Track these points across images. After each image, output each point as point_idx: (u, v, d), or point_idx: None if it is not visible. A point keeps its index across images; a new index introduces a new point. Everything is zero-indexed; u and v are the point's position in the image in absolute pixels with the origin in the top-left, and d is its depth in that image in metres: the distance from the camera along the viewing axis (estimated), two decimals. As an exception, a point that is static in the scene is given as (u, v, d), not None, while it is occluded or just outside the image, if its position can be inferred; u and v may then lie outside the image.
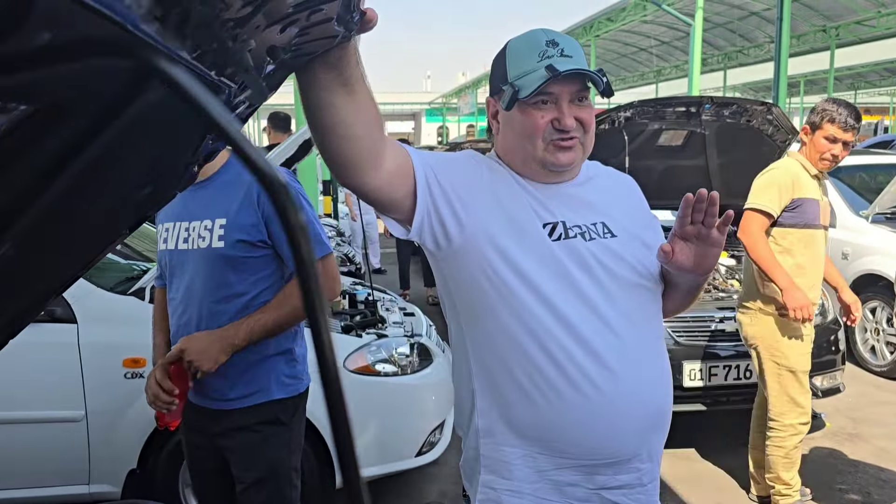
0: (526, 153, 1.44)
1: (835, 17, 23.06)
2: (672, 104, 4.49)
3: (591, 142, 1.48)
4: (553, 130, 1.41)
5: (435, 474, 3.81)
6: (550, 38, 1.41)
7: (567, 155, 1.43)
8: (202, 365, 2.01)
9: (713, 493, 3.73)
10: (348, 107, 1.16)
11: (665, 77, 36.45)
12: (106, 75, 0.69)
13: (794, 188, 3.22)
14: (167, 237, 2.18)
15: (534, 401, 1.39)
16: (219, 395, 2.14)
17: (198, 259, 2.09)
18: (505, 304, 1.38)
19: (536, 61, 1.38)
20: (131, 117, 0.78)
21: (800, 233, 3.24)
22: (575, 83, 1.40)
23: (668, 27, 25.11)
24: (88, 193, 0.96)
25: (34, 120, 0.69)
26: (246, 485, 2.15)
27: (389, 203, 1.34)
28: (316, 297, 0.39)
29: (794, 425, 3.33)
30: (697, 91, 15.52)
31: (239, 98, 0.99)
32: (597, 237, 1.45)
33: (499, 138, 1.51)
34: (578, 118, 1.41)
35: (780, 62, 13.53)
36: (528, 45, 1.41)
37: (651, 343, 1.49)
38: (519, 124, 1.43)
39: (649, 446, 1.47)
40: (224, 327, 2.05)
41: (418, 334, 3.59)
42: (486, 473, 1.46)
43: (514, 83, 1.39)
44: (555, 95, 1.40)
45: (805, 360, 3.30)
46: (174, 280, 2.18)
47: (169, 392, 2.05)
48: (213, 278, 2.07)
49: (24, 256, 0.95)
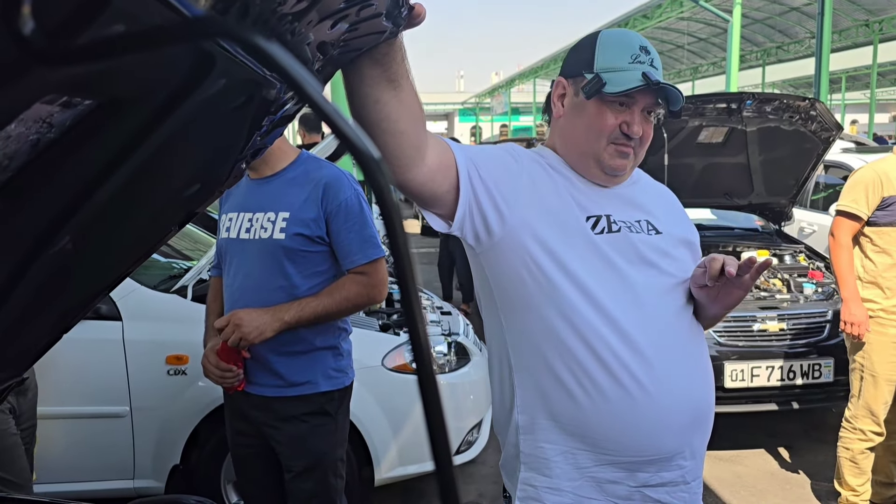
0: (587, 147, 1.44)
1: (878, 11, 22.49)
2: (712, 101, 4.42)
3: (643, 154, 1.49)
4: (619, 133, 1.41)
5: (473, 474, 3.80)
6: (644, 44, 1.42)
7: (623, 161, 1.43)
8: (248, 333, 2.06)
9: (754, 497, 3.66)
10: (393, 102, 1.17)
11: (702, 74, 35.94)
12: (163, 70, 0.70)
13: (885, 186, 3.13)
14: (230, 226, 2.27)
15: (575, 396, 1.38)
16: (268, 382, 2.21)
17: (258, 249, 2.17)
18: (546, 298, 1.37)
19: (629, 62, 1.38)
20: (186, 113, 0.80)
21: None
22: (654, 96, 1.40)
23: (706, 23, 24.74)
24: (143, 189, 0.97)
25: (96, 115, 0.70)
26: (294, 473, 2.22)
27: (432, 198, 1.34)
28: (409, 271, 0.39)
29: (864, 431, 3.25)
30: (735, 88, 15.27)
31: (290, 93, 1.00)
32: (641, 232, 1.45)
33: (560, 122, 1.50)
34: (643, 129, 1.43)
35: (822, 58, 13.25)
36: (622, 43, 1.41)
37: (693, 340, 1.47)
38: (590, 117, 1.42)
39: (692, 444, 1.45)
40: (276, 306, 2.12)
41: (455, 333, 3.59)
42: (525, 471, 1.45)
43: (601, 74, 1.38)
44: (633, 101, 1.40)
45: (890, 368, 3.19)
46: (232, 268, 2.25)
47: (227, 371, 2.15)
48: (270, 268, 2.15)
49: (81, 251, 0.97)
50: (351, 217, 2.16)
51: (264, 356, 2.19)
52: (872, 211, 3.16)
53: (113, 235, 1.08)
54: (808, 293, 4.30)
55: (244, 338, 2.07)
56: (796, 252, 4.87)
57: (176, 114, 0.78)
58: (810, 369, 3.96)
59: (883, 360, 3.18)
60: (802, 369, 3.95)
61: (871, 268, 3.21)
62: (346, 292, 2.16)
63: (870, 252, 3.22)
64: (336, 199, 2.15)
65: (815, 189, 6.95)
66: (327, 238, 2.17)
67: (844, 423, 3.34)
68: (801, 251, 4.90)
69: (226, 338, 2.10)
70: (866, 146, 8.62)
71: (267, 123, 1.07)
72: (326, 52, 0.94)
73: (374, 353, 3.16)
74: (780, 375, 3.94)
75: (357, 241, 2.16)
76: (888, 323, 3.16)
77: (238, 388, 2.21)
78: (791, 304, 4.18)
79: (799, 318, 4.09)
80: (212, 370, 2.18)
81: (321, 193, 2.14)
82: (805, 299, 4.24)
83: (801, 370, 3.95)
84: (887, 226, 3.15)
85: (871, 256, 3.21)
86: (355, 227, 2.16)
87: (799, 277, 4.49)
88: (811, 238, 6.16)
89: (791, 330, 4.05)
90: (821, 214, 6.48)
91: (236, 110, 0.94)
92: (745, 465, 4.02)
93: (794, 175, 4.84)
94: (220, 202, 2.39)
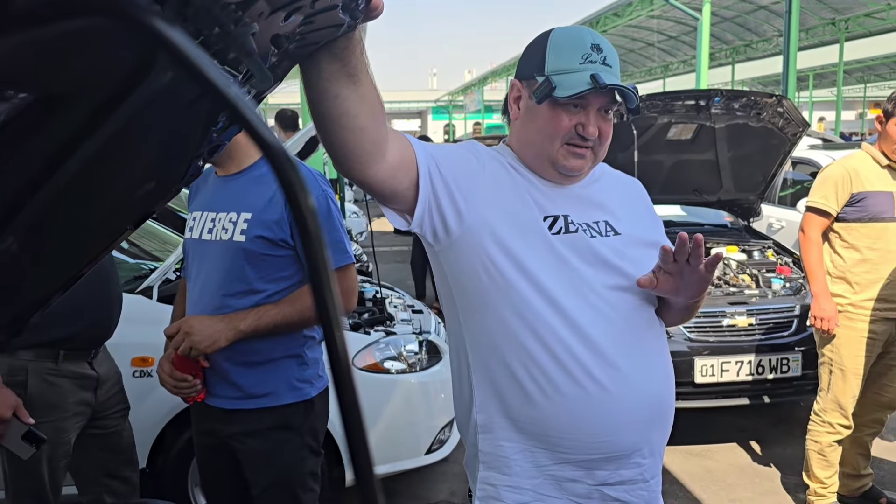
0: (542, 149, 1.43)
1: (844, 9, 22.89)
2: (681, 97, 4.46)
3: (602, 153, 1.47)
4: (574, 135, 1.40)
5: (445, 472, 3.79)
6: (596, 42, 1.39)
7: (578, 161, 1.42)
8: (199, 342, 1.96)
9: (724, 490, 3.70)
10: (353, 97, 1.15)
11: (673, 72, 36.28)
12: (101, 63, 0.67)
13: (854, 182, 3.16)
14: (193, 226, 2.18)
15: (532, 395, 1.38)
16: (227, 394, 2.10)
17: (219, 250, 2.07)
18: (503, 297, 1.37)
19: (579, 62, 1.36)
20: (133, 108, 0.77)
21: (866, 227, 3.17)
22: (609, 96, 1.39)
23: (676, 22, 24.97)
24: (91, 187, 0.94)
25: (34, 109, 0.67)
26: (260, 489, 2.12)
27: (392, 194, 1.33)
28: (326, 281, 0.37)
29: (833, 424, 3.29)
30: (705, 86, 15.43)
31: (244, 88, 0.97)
32: (598, 235, 1.44)
33: (516, 125, 1.49)
34: (599, 129, 1.41)
35: (789, 56, 13.43)
36: (572, 42, 1.40)
37: (652, 338, 1.47)
38: (543, 120, 1.41)
39: (651, 441, 1.45)
40: (231, 313, 2.02)
41: (427, 331, 3.57)
42: (484, 469, 1.45)
43: (551, 77, 1.37)
44: (587, 101, 1.39)
45: (858, 363, 3.23)
46: (193, 269, 2.17)
47: (182, 381, 2.04)
48: (230, 271, 2.05)
49: (27, 251, 0.94)
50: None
51: (222, 366, 2.08)
52: (841, 207, 3.20)
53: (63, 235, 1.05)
54: (776, 288, 4.35)
55: (194, 346, 1.97)
56: (765, 248, 4.93)
57: (121, 109, 0.75)
58: (779, 363, 4.01)
59: (851, 354, 3.22)
60: (771, 364, 3.99)
61: (841, 263, 3.25)
62: (310, 301, 2.02)
63: (839, 248, 3.26)
64: None
65: (783, 185, 7.04)
66: (292, 241, 2.04)
67: (813, 416, 3.38)
68: (769, 247, 4.96)
69: (176, 346, 2.00)
70: (833, 143, 8.74)
71: (223, 119, 1.04)
72: (281, 45, 0.92)
73: (344, 352, 3.13)
74: (750, 370, 3.98)
75: None
76: (857, 317, 3.21)
77: (199, 399, 2.11)
78: (760, 299, 4.22)
79: (767, 313, 4.14)
80: (166, 380, 2.07)
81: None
82: (773, 294, 4.29)
83: (769, 364, 3.99)
84: (856, 222, 3.19)
85: (840, 252, 3.25)
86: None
87: (767, 273, 4.54)
88: (780, 234, 6.23)
89: (760, 325, 4.09)
90: (789, 210, 6.56)
91: (189, 106, 0.91)
92: (715, 460, 4.05)
93: (762, 171, 4.89)
94: (189, 200, 2.33)
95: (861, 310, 3.20)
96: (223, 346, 1.98)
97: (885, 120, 3.12)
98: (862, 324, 3.20)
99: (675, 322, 1.59)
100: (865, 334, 3.20)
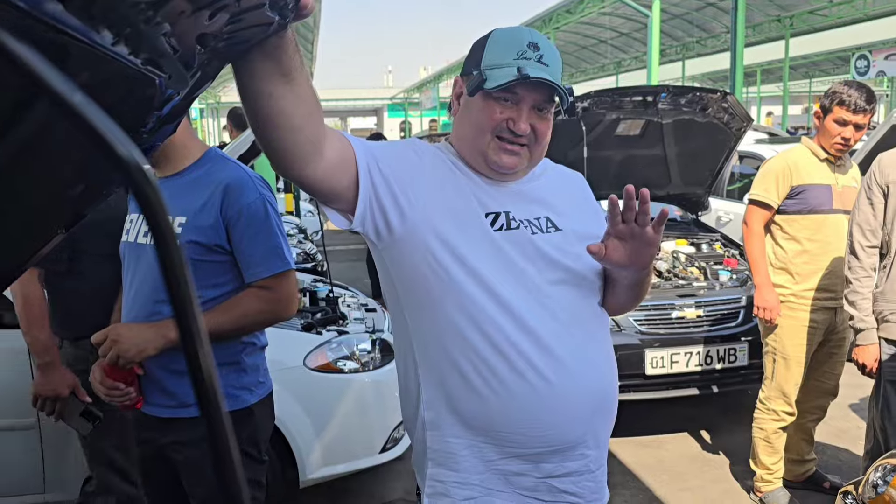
0: (474, 143, 1.43)
1: (789, 6, 23.48)
2: (629, 94, 4.52)
3: (541, 153, 1.48)
4: (505, 129, 1.40)
5: (400, 471, 3.78)
6: (535, 41, 1.40)
7: (511, 159, 1.42)
8: (126, 350, 1.90)
9: (674, 480, 3.77)
10: (288, 96, 1.14)
11: (625, 68, 36.78)
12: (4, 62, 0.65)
13: (794, 175, 3.24)
14: (130, 228, 2.10)
15: (478, 390, 1.39)
16: (161, 402, 2.04)
17: (152, 255, 1.99)
18: (447, 294, 1.37)
19: (513, 58, 1.37)
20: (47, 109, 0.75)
21: (805, 219, 3.26)
22: (542, 93, 1.39)
23: (627, 18, 25.33)
24: (14, 190, 0.91)
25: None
26: (198, 500, 2.07)
27: (331, 194, 1.32)
28: (185, 294, 0.36)
29: (777, 411, 3.38)
30: (656, 82, 15.67)
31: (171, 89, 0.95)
32: (539, 231, 1.45)
33: (455, 120, 1.51)
34: (534, 127, 1.41)
35: (737, 52, 13.73)
36: (509, 40, 1.41)
37: (595, 330, 1.49)
38: (476, 113, 1.42)
39: (596, 432, 1.47)
40: (162, 321, 1.95)
41: (380, 330, 3.56)
42: (433, 466, 1.45)
43: (483, 71, 1.38)
44: (518, 97, 1.39)
45: (800, 351, 3.32)
46: (128, 274, 2.09)
47: (113, 388, 1.97)
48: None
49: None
50: (254, 224, 1.96)
51: (156, 374, 2.01)
52: (782, 200, 3.28)
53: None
54: (723, 280, 4.45)
55: (121, 355, 1.90)
56: (712, 241, 5.03)
57: (35, 109, 0.73)
58: (726, 354, 4.10)
59: (794, 342, 3.31)
60: (719, 354, 4.08)
61: (782, 254, 3.33)
62: (245, 308, 1.96)
63: (780, 239, 3.34)
64: (237, 204, 1.95)
65: (730, 179, 7.19)
66: (228, 247, 1.97)
67: (758, 404, 3.47)
68: (717, 240, 5.06)
69: (103, 353, 1.93)
70: (778, 136, 8.97)
71: (153, 120, 1.02)
72: (207, 44, 0.90)
73: (295, 353, 3.10)
74: (699, 361, 4.06)
75: (260, 251, 1.97)
76: (798, 307, 3.30)
77: (136, 407, 2.04)
78: (707, 291, 4.31)
79: (715, 304, 4.23)
80: (97, 387, 1.99)
81: (221, 197, 1.94)
82: (721, 286, 4.38)
83: (717, 355, 4.08)
84: (796, 214, 3.28)
85: (782, 243, 3.34)
86: (259, 236, 1.97)
87: (715, 265, 4.64)
88: (728, 227, 6.37)
89: (708, 316, 4.18)
90: (736, 204, 6.70)
91: (113, 107, 0.89)
92: (666, 450, 4.13)
93: (708, 166, 4.99)
94: (129, 202, 2.27)
95: (802, 300, 3.29)
96: (151, 355, 1.92)
97: (823, 115, 3.21)
98: (803, 313, 3.29)
99: (623, 305, 1.58)
100: (807, 323, 3.29)
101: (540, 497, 1.45)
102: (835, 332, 3.37)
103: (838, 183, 3.26)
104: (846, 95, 3.11)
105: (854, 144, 3.23)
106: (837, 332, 3.36)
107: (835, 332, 3.36)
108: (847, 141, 3.16)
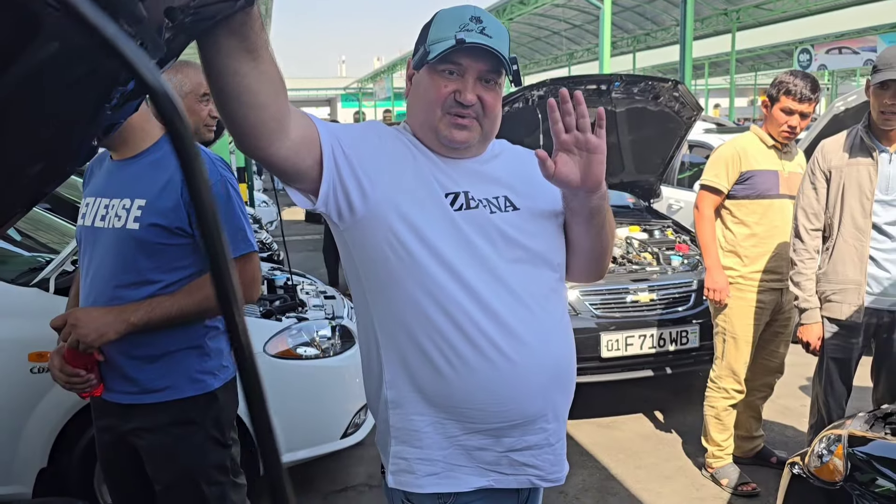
0: (425, 119, 1.46)
1: (735, 0, 23.97)
2: (583, 82, 4.58)
3: (492, 126, 1.49)
4: (454, 103, 1.42)
5: (362, 456, 3.81)
6: (477, 14, 1.43)
7: (462, 133, 1.44)
8: (86, 335, 1.88)
9: (630, 458, 3.87)
10: (253, 73, 1.14)
11: (577, 60, 37.12)
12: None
13: (743, 161, 3.35)
14: (86, 212, 2.06)
15: (439, 368, 1.41)
16: (122, 389, 2.01)
17: (111, 239, 1.97)
18: (409, 273, 1.40)
19: (455, 32, 1.39)
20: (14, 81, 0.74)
21: (753, 204, 3.37)
22: (485, 62, 1.41)
23: (580, 10, 25.52)
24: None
25: None
26: (161, 486, 2.05)
27: (296, 173, 1.33)
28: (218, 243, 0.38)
29: (727, 389, 3.51)
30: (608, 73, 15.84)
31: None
32: (498, 210, 1.48)
33: (408, 101, 1.53)
34: (481, 98, 1.43)
35: (685, 44, 14.00)
36: (452, 16, 1.43)
37: (552, 308, 1.52)
38: (424, 88, 1.45)
39: (554, 406, 1.51)
40: (122, 305, 1.93)
41: (339, 316, 3.56)
42: (396, 444, 1.48)
43: (428, 46, 1.41)
44: (462, 68, 1.41)
45: (748, 331, 3.43)
46: (85, 258, 2.06)
47: (74, 375, 1.95)
48: (122, 261, 1.95)
49: None
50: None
51: (116, 360, 1.99)
52: (732, 185, 3.39)
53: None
54: (675, 265, 4.56)
55: (81, 340, 1.88)
56: (665, 227, 5.15)
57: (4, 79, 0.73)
58: (679, 336, 4.21)
59: (743, 322, 3.43)
60: (672, 336, 4.19)
61: (731, 238, 3.44)
62: (208, 291, 1.92)
63: (729, 223, 3.45)
64: None
65: (681, 168, 7.36)
66: (190, 229, 1.95)
67: (709, 383, 3.58)
68: (669, 226, 5.18)
69: (64, 338, 1.91)
70: (726, 126, 9.19)
71: (117, 96, 1.02)
72: (175, 17, 0.91)
73: (255, 339, 3.08)
74: (652, 343, 4.17)
75: None
76: (746, 288, 3.41)
77: (95, 394, 2.02)
78: (660, 275, 4.42)
79: (667, 288, 4.33)
80: (57, 374, 1.96)
81: (182, 179, 1.94)
82: (673, 271, 4.49)
83: (670, 337, 4.19)
84: (744, 199, 3.39)
85: (731, 227, 3.45)
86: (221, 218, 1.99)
87: (667, 251, 4.75)
88: (678, 214, 6.52)
89: (661, 300, 4.28)
90: (687, 192, 6.86)
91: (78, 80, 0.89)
92: (621, 430, 4.23)
93: (660, 154, 5.10)
94: (83, 185, 2.23)
95: (750, 281, 3.40)
96: (112, 339, 1.90)
97: (771, 104, 3.32)
98: (751, 294, 3.40)
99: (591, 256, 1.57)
100: (754, 304, 3.41)
101: (501, 471, 1.48)
102: (781, 313, 3.49)
103: (785, 169, 3.38)
104: (792, 85, 3.22)
105: (800, 132, 3.35)
106: (783, 313, 3.49)
107: (781, 312, 3.49)
108: (793, 129, 3.28)
